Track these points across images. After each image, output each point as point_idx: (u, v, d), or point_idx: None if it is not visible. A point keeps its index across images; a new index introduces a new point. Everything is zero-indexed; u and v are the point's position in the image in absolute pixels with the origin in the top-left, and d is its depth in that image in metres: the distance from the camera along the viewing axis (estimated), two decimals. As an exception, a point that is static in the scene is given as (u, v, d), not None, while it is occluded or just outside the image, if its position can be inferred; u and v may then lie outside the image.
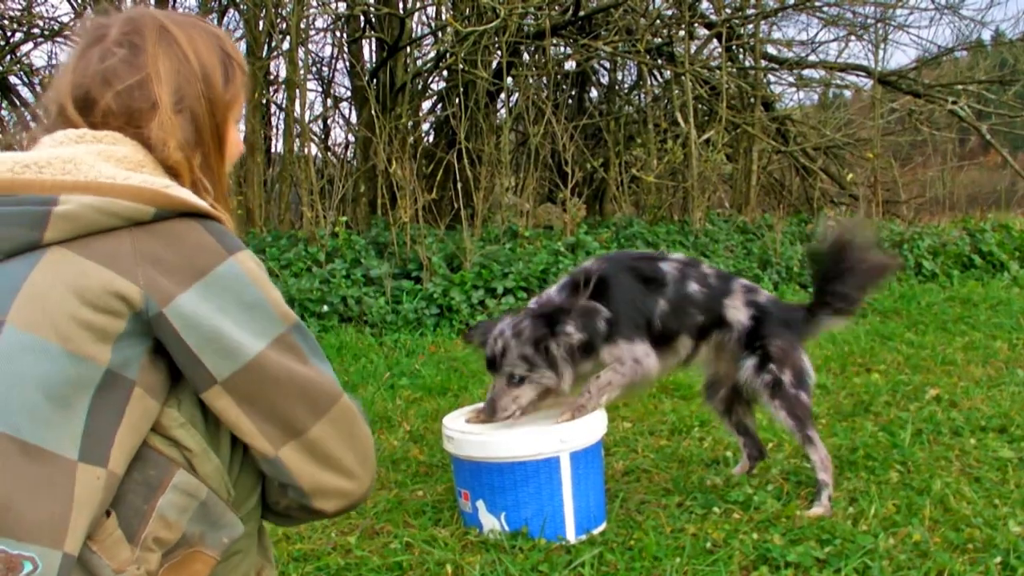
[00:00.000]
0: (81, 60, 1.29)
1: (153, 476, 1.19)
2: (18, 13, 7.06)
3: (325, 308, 5.23)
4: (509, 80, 8.28)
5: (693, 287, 2.40)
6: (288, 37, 7.41)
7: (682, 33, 8.78)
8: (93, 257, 1.13)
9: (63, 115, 1.28)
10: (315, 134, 8.79)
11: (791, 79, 10.65)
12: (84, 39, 1.32)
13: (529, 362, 2.26)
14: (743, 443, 2.65)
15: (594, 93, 10.27)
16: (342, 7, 8.49)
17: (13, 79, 7.48)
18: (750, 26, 9.32)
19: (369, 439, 1.32)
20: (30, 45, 7.57)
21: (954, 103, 9.14)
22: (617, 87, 10.31)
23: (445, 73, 8.86)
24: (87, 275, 1.12)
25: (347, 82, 9.43)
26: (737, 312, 2.43)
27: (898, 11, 9.50)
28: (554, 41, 8.63)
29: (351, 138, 9.24)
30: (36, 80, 7.67)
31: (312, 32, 8.69)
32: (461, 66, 7.64)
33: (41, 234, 1.13)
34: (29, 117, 7.35)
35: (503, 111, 8.88)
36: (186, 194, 1.21)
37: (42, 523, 1.07)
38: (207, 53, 1.33)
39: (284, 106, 7.65)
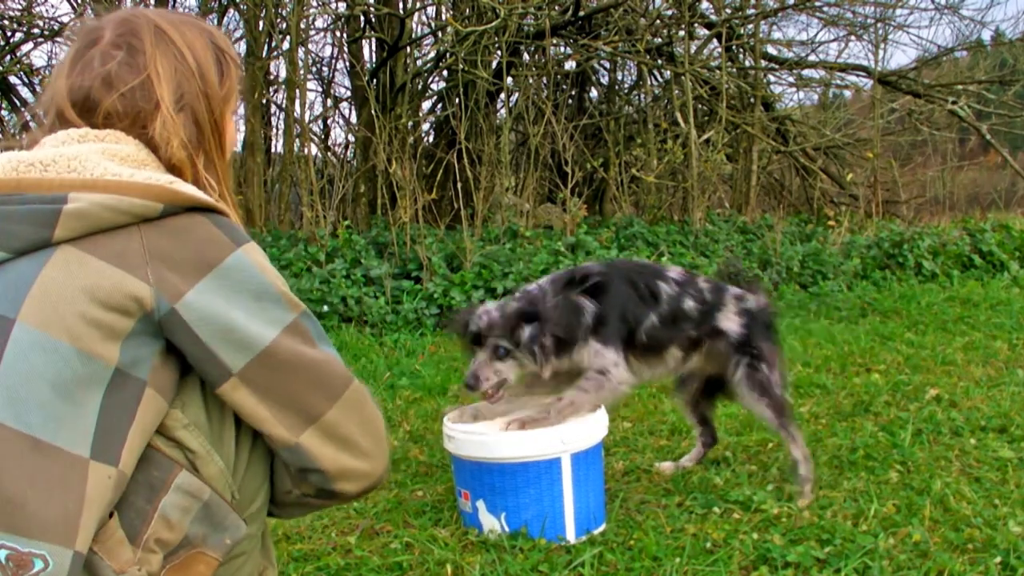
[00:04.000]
0: (77, 63, 1.29)
1: (156, 477, 1.19)
2: (18, 13, 7.05)
3: (325, 308, 5.23)
4: (509, 80, 8.28)
5: (689, 304, 2.51)
6: (288, 37, 7.41)
7: (682, 33, 8.78)
8: (102, 255, 1.14)
9: (62, 118, 1.28)
10: (315, 134, 8.80)
11: (791, 79, 10.66)
12: (77, 42, 1.32)
13: (514, 343, 2.29)
14: (700, 432, 2.83)
15: (594, 93, 10.28)
16: (342, 7, 8.49)
17: (13, 79, 7.48)
18: (750, 26, 9.32)
19: (380, 420, 1.33)
20: (30, 45, 7.58)
21: (954, 103, 9.13)
22: (617, 87, 10.32)
23: (445, 73, 8.87)
24: (98, 273, 1.13)
25: (347, 82, 9.44)
26: (730, 322, 2.56)
27: (898, 11, 9.52)
28: (554, 41, 8.63)
29: (351, 138, 9.24)
30: (36, 80, 7.68)
31: (312, 32, 8.70)
32: (461, 66, 7.64)
33: (51, 232, 1.13)
34: (29, 118, 7.34)
35: (503, 111, 8.88)
36: (192, 189, 1.21)
37: (54, 521, 1.07)
38: (201, 50, 1.34)
39: (284, 106, 7.66)
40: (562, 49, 9.36)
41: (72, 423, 1.10)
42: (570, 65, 9.54)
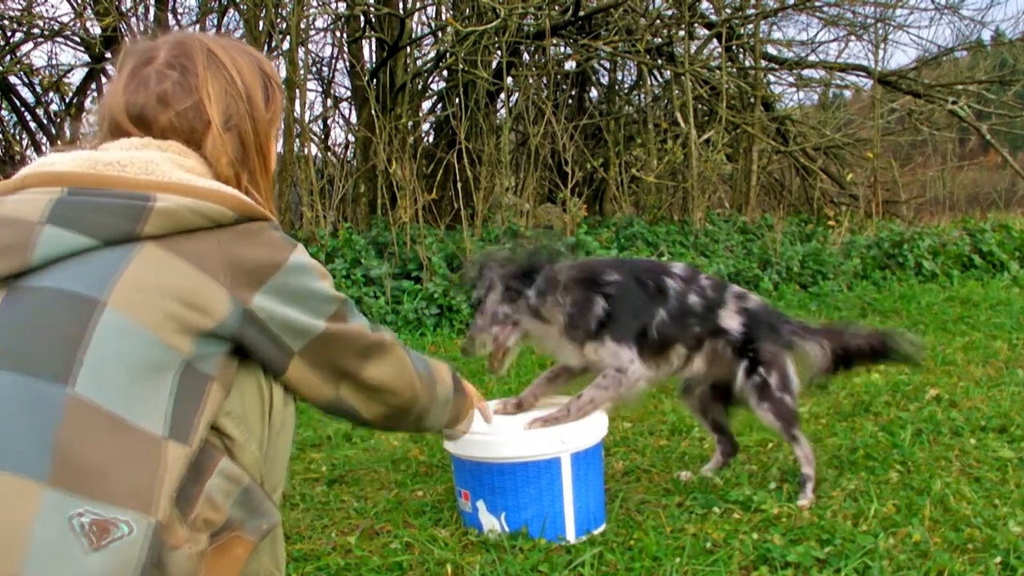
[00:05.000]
0: (133, 80, 1.38)
1: (200, 461, 1.27)
2: (18, 13, 7.05)
3: (325, 308, 5.23)
4: (509, 80, 8.28)
5: (693, 299, 2.49)
6: (288, 37, 7.41)
7: (682, 33, 8.78)
8: (184, 255, 1.23)
9: (117, 128, 1.37)
10: (315, 134, 8.79)
11: (791, 79, 10.65)
12: (132, 60, 1.40)
13: (513, 304, 2.35)
14: (718, 440, 2.75)
15: (594, 93, 10.28)
16: (342, 7, 8.48)
17: (13, 79, 7.48)
18: (750, 26, 9.32)
19: (407, 360, 1.56)
20: (30, 45, 7.57)
21: (954, 103, 9.13)
22: (617, 87, 10.31)
23: (445, 73, 8.86)
24: (181, 272, 1.22)
25: (347, 82, 9.43)
26: (731, 320, 2.52)
27: (898, 11, 9.51)
28: (554, 41, 8.63)
29: (351, 138, 9.24)
30: (36, 80, 7.68)
31: (312, 32, 8.69)
32: (461, 66, 7.64)
33: (138, 227, 1.20)
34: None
35: (503, 111, 8.88)
36: (252, 202, 1.33)
37: (136, 491, 1.14)
38: (249, 75, 1.43)
39: (284, 106, 7.64)
40: (562, 49, 9.36)
41: (150, 405, 1.19)
42: (570, 65, 9.54)
